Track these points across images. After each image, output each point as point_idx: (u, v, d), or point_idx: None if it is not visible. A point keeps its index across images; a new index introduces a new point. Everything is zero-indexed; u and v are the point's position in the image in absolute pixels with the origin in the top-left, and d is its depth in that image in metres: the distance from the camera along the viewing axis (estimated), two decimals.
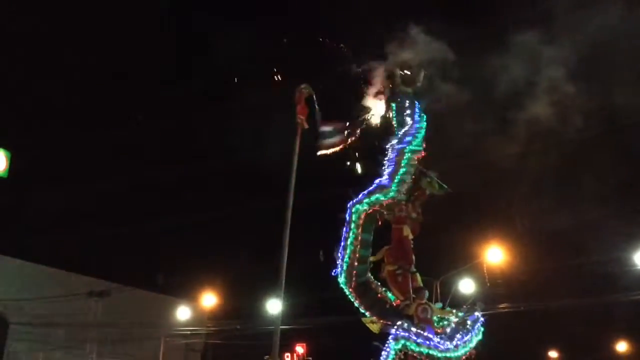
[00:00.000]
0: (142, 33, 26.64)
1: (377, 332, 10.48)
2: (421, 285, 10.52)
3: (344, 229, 10.46)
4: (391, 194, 10.31)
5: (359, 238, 10.35)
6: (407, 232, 10.68)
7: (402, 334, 9.65)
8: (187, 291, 28.13)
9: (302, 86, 11.66)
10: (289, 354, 26.28)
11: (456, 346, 9.61)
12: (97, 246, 26.48)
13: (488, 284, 22.62)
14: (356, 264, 10.33)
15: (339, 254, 10.45)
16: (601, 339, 34.21)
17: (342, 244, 10.46)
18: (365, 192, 10.43)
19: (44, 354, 23.57)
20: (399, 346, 9.66)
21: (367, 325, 10.90)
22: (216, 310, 27.09)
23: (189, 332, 27.20)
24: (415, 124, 10.73)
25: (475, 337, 9.81)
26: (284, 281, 10.66)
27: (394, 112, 11.20)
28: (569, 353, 36.92)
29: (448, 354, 9.57)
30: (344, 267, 10.40)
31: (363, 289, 10.48)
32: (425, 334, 9.72)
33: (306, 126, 11.39)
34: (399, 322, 9.83)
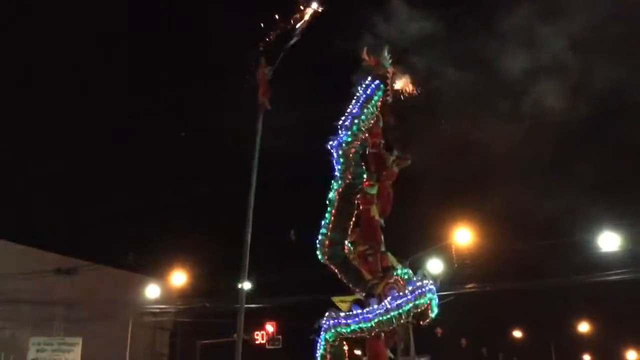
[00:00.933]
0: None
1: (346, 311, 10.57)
2: (392, 264, 10.60)
3: (334, 166, 10.46)
4: (340, 182, 10.34)
5: (332, 221, 10.40)
6: (375, 212, 10.74)
7: (331, 322, 9.73)
8: (156, 269, 28.00)
9: (264, 67, 11.61)
10: (259, 332, 26.41)
11: (386, 310, 9.58)
12: (66, 223, 26.20)
13: (456, 265, 22.99)
14: (327, 243, 10.38)
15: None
16: (564, 319, 35.06)
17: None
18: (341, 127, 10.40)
19: (10, 332, 23.32)
20: (330, 335, 9.75)
21: (337, 304, 11.00)
22: (185, 289, 27.01)
23: (157, 311, 27.11)
24: (350, 113, 10.64)
25: (412, 301, 9.72)
26: (247, 263, 10.74)
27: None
28: (533, 332, 37.82)
29: (377, 319, 9.59)
30: (318, 242, 10.48)
31: (341, 262, 10.55)
32: (353, 312, 9.78)
33: (269, 107, 11.41)
34: (327, 314, 9.92)
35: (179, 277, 26.82)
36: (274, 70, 11.66)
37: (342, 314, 9.79)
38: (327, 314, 9.91)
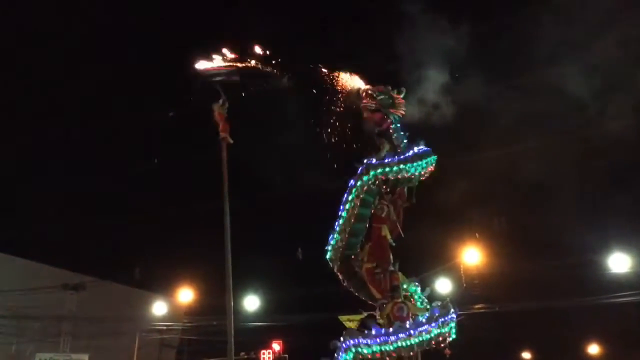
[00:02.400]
0: None
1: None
2: (402, 283, 10.56)
3: (344, 197, 10.54)
4: (395, 168, 10.38)
5: (356, 211, 10.46)
6: (386, 232, 10.73)
7: (351, 342, 9.68)
8: (163, 286, 27.95)
9: (219, 104, 11.83)
10: (265, 351, 26.23)
11: (408, 335, 9.55)
12: (73, 238, 26.21)
13: (464, 285, 22.84)
14: (347, 236, 10.46)
15: (334, 227, 10.55)
16: (574, 341, 34.64)
17: (340, 213, 10.55)
18: (368, 164, 10.48)
19: (16, 347, 23.27)
20: (350, 355, 9.69)
21: (345, 322, 10.96)
22: (193, 306, 26.92)
23: (164, 328, 27.01)
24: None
25: (435, 330, 9.72)
26: (231, 284, 10.83)
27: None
28: (542, 354, 37.36)
29: (399, 343, 9.55)
30: (335, 237, 10.50)
31: (349, 271, 10.56)
32: (373, 332, 9.72)
33: (231, 141, 11.63)
34: (344, 333, 9.88)
35: (186, 294, 26.75)
36: (228, 104, 11.91)
37: (361, 335, 9.73)
38: (344, 333, 9.86)
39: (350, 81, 11.96)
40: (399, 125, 11.32)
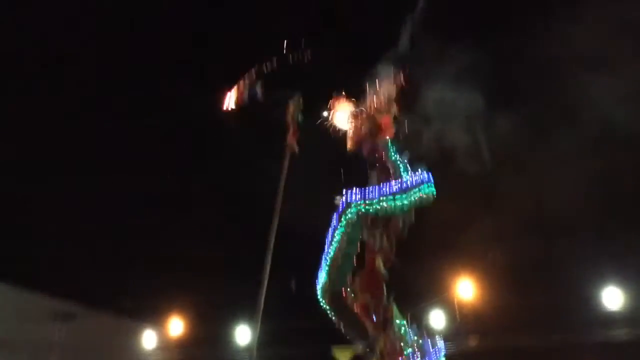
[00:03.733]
0: None
1: None
2: (395, 317, 10.46)
3: (333, 223, 10.40)
4: (375, 204, 10.30)
5: (347, 235, 10.34)
6: (379, 263, 10.66)
7: None
8: (153, 316, 27.61)
9: (291, 107, 11.45)
10: None
11: None
12: (63, 267, 25.90)
13: (458, 319, 22.68)
14: (335, 273, 10.33)
15: (324, 254, 10.44)
16: None
17: (328, 240, 10.42)
18: (365, 193, 10.39)
19: None
20: None
21: (337, 356, 10.83)
22: (183, 337, 26.61)
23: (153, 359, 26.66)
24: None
25: None
26: (261, 310, 10.53)
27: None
28: None
29: None
30: (323, 276, 10.38)
31: (340, 306, 10.43)
32: None
33: (296, 150, 11.13)
34: None
35: (176, 325, 26.47)
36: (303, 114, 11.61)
37: None
38: None
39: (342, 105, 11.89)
40: (392, 148, 11.18)
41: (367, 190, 10.40)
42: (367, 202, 10.25)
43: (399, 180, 10.58)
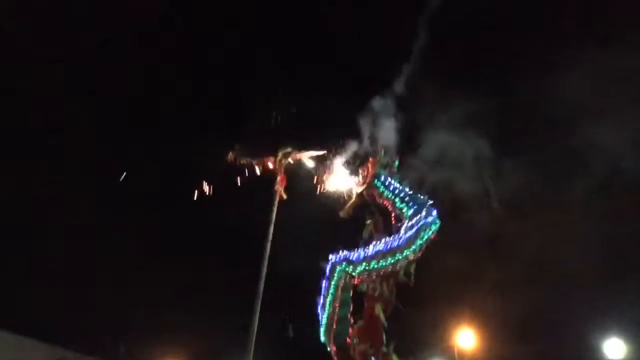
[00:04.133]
0: None
1: None
2: None
3: (324, 285, 10.42)
4: (372, 265, 10.33)
5: (338, 297, 10.31)
6: (379, 311, 10.57)
7: None
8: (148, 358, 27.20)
9: (281, 154, 11.71)
10: None
11: None
12: (60, 313, 25.65)
13: None
14: (334, 325, 10.28)
15: (319, 310, 10.41)
16: None
17: (321, 301, 10.41)
18: (349, 256, 10.43)
19: None
20: None
21: None
22: None
23: None
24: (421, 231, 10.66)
25: None
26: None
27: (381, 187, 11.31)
28: None
29: None
30: (324, 325, 10.31)
31: (344, 354, 10.33)
32: None
33: (285, 197, 11.42)
34: None
35: None
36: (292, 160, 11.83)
37: None
38: None
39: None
40: (381, 186, 11.21)
41: (351, 254, 10.52)
42: (350, 264, 10.33)
43: (394, 237, 10.62)
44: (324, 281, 10.48)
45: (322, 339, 10.42)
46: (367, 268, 10.34)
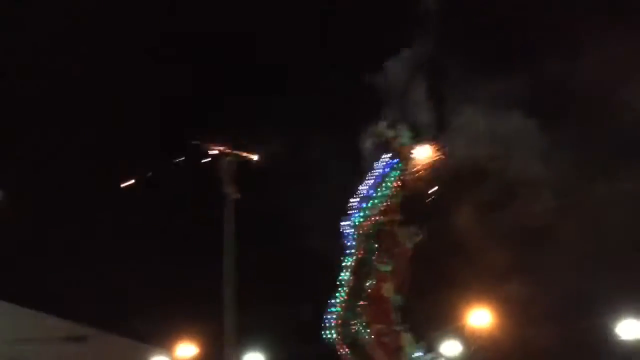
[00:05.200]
0: None
1: None
2: (407, 344, 10.42)
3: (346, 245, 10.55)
4: (376, 201, 10.47)
5: (345, 299, 10.44)
6: (389, 291, 10.64)
7: None
8: (165, 339, 27.51)
9: (227, 160, 11.95)
10: None
11: None
12: (77, 289, 26.03)
13: (472, 348, 22.39)
14: (340, 322, 10.37)
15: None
16: None
17: (332, 305, 10.55)
18: (354, 208, 10.60)
19: None
20: None
21: None
22: None
23: None
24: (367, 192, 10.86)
25: None
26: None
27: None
28: None
29: None
30: (331, 321, 10.41)
31: (351, 342, 10.47)
32: None
33: (237, 196, 11.72)
34: None
35: (187, 349, 26.31)
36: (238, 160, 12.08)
37: None
38: None
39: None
40: None
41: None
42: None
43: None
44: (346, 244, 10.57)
45: (329, 335, 10.53)
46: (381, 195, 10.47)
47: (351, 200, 10.85)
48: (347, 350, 10.53)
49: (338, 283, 10.58)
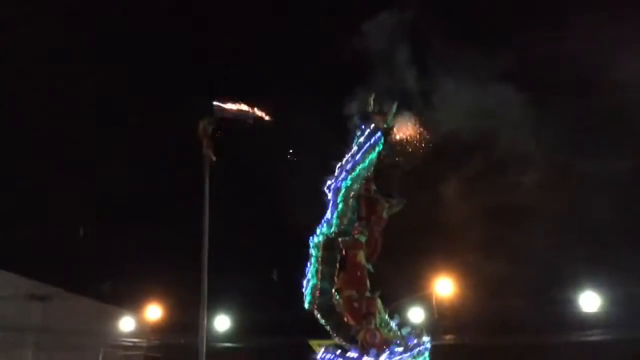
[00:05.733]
0: None
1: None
2: (379, 310, 10.56)
3: (308, 261, 10.67)
4: (333, 228, 10.57)
5: (320, 270, 10.50)
6: (362, 258, 10.74)
7: (329, 357, 9.80)
8: (131, 301, 27.45)
9: (206, 121, 11.82)
10: None
11: None
12: (42, 249, 25.68)
13: (436, 315, 22.85)
14: (318, 293, 10.46)
15: (304, 283, 10.61)
16: None
17: (306, 276, 10.61)
18: (343, 171, 10.65)
19: None
20: None
21: (315, 347, 10.88)
22: (161, 323, 26.49)
23: (130, 344, 26.50)
24: (353, 158, 10.87)
25: (410, 359, 9.82)
26: (206, 304, 10.74)
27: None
28: None
29: None
30: (308, 292, 10.50)
31: (327, 310, 10.55)
32: (352, 354, 9.80)
33: (214, 158, 11.61)
34: (323, 349, 9.99)
35: (154, 311, 26.34)
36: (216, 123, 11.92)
37: (340, 355, 9.80)
38: (323, 349, 9.94)
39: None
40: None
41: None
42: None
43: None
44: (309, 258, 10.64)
45: (307, 306, 10.63)
46: (337, 215, 10.53)
47: (334, 168, 10.79)
48: (321, 318, 10.62)
49: (314, 251, 10.60)
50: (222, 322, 24.91)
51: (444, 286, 23.35)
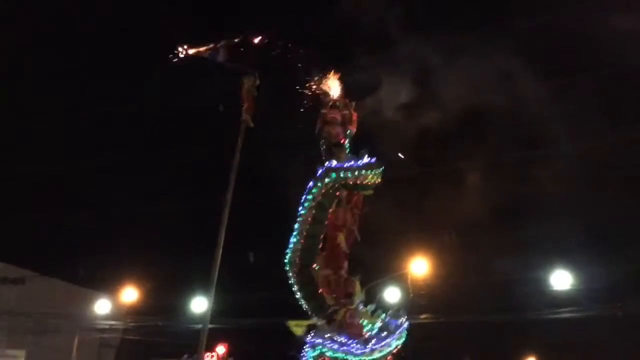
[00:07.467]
0: None
1: (301, 335, 10.54)
2: (357, 291, 10.67)
3: (301, 202, 10.59)
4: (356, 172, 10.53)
5: (313, 212, 10.51)
6: (341, 239, 10.83)
7: (318, 340, 9.83)
8: (107, 284, 27.30)
9: (251, 80, 11.43)
10: (209, 354, 25.87)
11: (372, 350, 9.79)
12: (14, 231, 25.37)
13: (411, 295, 23.09)
14: (303, 241, 10.46)
15: (293, 228, 10.61)
16: (514, 354, 35.39)
17: (298, 213, 10.61)
18: (328, 167, 10.57)
19: None
20: (316, 353, 9.85)
21: (292, 328, 10.94)
22: (137, 306, 26.38)
23: (106, 327, 26.38)
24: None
25: (394, 342, 10.01)
26: (215, 280, 10.56)
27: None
28: None
29: (363, 357, 9.75)
30: (293, 240, 10.52)
31: (305, 278, 10.59)
32: (341, 339, 9.87)
33: (251, 125, 11.23)
34: (314, 329, 10.04)
35: (129, 293, 26.21)
36: (260, 87, 11.57)
37: (327, 335, 9.86)
38: (314, 330, 10.00)
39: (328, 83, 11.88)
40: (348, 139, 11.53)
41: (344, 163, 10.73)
42: (347, 170, 10.51)
43: (359, 160, 10.86)
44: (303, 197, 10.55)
45: (286, 261, 10.64)
46: (361, 173, 10.53)
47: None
48: (300, 292, 10.70)
49: (296, 231, 10.62)
50: (198, 303, 24.89)
51: (419, 266, 23.58)
